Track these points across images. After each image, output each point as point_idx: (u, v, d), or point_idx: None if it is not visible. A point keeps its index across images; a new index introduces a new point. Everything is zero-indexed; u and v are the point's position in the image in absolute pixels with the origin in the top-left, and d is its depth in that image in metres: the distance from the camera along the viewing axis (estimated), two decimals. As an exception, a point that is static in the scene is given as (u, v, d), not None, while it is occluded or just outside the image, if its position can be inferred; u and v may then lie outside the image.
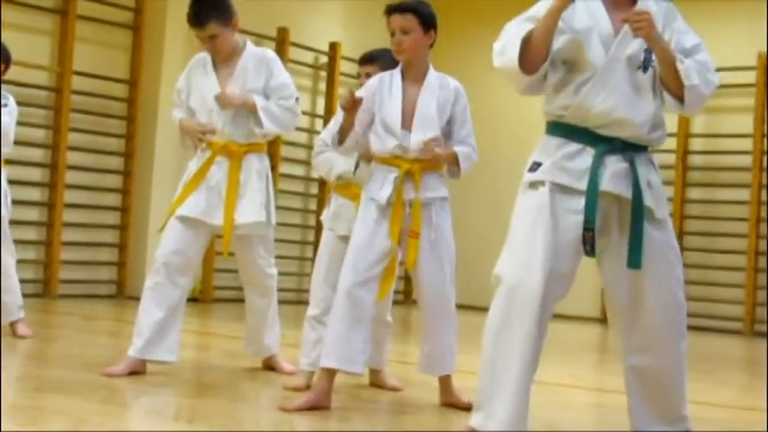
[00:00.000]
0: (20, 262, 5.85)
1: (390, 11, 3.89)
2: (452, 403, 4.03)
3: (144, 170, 9.11)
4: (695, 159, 10.61)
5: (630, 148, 3.19)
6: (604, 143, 3.16)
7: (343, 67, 10.54)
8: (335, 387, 3.78)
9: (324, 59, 10.60)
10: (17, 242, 6.13)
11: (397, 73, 3.95)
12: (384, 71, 4.12)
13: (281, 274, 4.92)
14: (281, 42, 9.84)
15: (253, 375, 4.71)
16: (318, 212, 9.27)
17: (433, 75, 3.99)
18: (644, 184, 3.18)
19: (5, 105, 5.61)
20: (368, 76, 4.34)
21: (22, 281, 5.59)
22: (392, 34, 3.90)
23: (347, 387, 4.27)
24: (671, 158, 10.45)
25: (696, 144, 10.63)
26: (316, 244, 8.01)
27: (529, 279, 3.05)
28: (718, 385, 5.81)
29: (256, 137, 4.52)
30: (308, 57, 10.45)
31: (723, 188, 10.36)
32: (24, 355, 4.99)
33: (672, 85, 3.19)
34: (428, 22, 3.90)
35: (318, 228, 7.36)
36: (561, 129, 3.22)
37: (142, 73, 9.08)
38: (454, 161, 3.92)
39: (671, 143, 10.48)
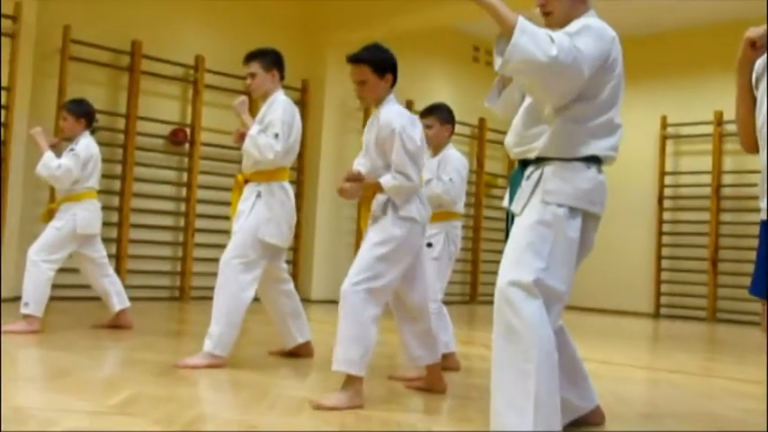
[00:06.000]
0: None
1: (348, 61, 4.00)
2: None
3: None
4: (726, 191, 12.02)
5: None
6: None
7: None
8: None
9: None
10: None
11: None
12: (441, 121, 4.89)
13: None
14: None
15: (293, 365, 5.12)
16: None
17: (381, 110, 3.99)
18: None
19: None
20: (428, 127, 4.86)
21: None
22: (354, 81, 4.02)
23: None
24: (707, 191, 12.02)
25: (727, 179, 12.09)
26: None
27: None
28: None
29: None
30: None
31: (751, 213, 11.50)
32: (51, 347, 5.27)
33: None
34: (382, 68, 3.99)
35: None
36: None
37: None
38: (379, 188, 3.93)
39: (707, 179, 12.10)
